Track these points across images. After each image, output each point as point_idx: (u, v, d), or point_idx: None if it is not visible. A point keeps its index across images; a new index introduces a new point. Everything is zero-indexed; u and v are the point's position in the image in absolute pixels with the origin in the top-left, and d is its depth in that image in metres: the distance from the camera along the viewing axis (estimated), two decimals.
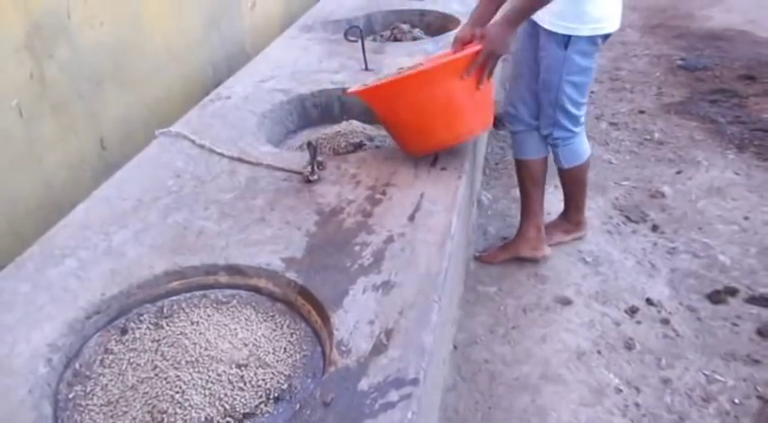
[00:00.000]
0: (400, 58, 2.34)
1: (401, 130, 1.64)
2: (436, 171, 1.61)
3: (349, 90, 1.68)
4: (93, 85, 2.00)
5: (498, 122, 2.97)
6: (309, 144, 1.56)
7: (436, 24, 2.94)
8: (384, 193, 1.51)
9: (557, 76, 1.88)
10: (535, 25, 1.92)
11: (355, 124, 1.93)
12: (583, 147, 2.06)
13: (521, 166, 2.14)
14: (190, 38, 2.57)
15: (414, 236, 1.35)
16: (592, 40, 1.85)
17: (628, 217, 2.32)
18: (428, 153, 1.65)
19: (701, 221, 2.30)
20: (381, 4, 3.04)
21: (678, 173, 2.63)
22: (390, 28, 2.86)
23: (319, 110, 2.15)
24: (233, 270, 1.30)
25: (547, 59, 1.90)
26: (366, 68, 2.26)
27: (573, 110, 1.94)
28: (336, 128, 1.90)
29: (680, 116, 3.15)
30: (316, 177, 1.57)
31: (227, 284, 1.30)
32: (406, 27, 2.80)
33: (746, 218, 2.32)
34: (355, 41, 2.26)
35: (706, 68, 3.73)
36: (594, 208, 2.37)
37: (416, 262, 1.27)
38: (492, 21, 1.72)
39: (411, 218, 1.41)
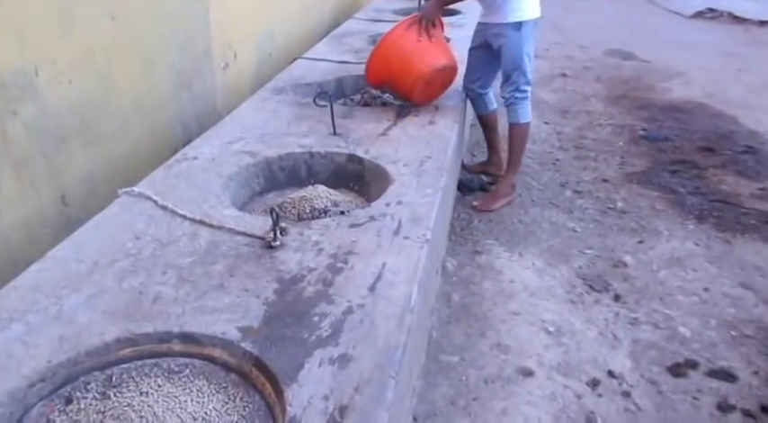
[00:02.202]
0: (367, 125, 2.41)
1: (400, 80, 2.61)
2: (399, 240, 1.64)
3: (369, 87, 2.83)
4: (57, 143, 2.02)
5: (465, 188, 3.05)
6: (272, 210, 1.59)
7: None
8: (346, 262, 1.53)
9: (518, 50, 2.82)
10: (483, 36, 2.94)
11: (321, 189, 1.96)
12: (529, 108, 2.97)
13: (481, 119, 3.25)
14: (159, 95, 2.61)
15: (374, 307, 1.36)
16: (533, 22, 2.83)
17: (591, 286, 2.37)
18: (426, 94, 2.64)
19: (663, 292, 2.36)
20: (352, 69, 3.14)
21: (640, 242, 2.72)
22: (361, 92, 2.95)
23: (286, 173, 2.18)
24: (187, 338, 1.29)
25: (508, 42, 2.82)
26: (334, 133, 2.32)
27: (529, 74, 2.88)
28: (302, 192, 1.93)
29: (642, 186, 3.27)
30: (278, 243, 1.59)
31: (181, 353, 1.29)
32: (375, 92, 2.88)
33: (706, 289, 2.39)
34: (324, 106, 2.33)
35: (667, 139, 3.91)
36: (558, 276, 2.42)
37: (375, 335, 1.28)
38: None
39: (372, 288, 1.43)
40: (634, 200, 3.10)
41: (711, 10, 8.10)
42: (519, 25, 2.81)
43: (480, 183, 3.15)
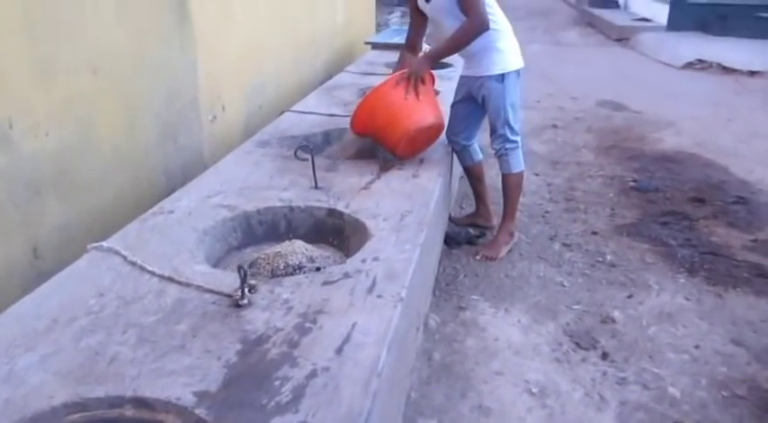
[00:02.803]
0: (350, 178, 2.40)
1: (384, 134, 2.60)
2: (372, 298, 1.60)
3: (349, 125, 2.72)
4: (30, 193, 2.00)
5: (452, 241, 3.02)
6: (240, 267, 1.55)
7: None
8: (315, 322, 1.49)
9: (502, 102, 2.83)
10: (466, 88, 2.95)
11: (298, 244, 1.93)
12: (521, 157, 2.97)
13: (467, 171, 3.25)
14: (143, 146, 2.62)
15: (339, 371, 1.31)
16: (516, 73, 2.85)
17: (578, 344, 2.31)
18: (410, 149, 2.63)
19: (652, 349, 2.30)
20: (340, 122, 3.15)
21: (629, 297, 2.66)
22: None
23: (264, 227, 2.16)
24: (140, 403, 1.23)
25: (492, 93, 2.84)
26: (316, 187, 2.30)
27: (514, 124, 2.88)
28: (277, 248, 1.90)
29: (632, 238, 3.24)
30: (245, 302, 1.55)
31: (132, 419, 1.23)
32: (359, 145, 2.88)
33: (697, 346, 2.33)
34: (305, 160, 2.32)
35: (658, 190, 3.90)
36: (544, 334, 2.36)
37: (339, 400, 1.23)
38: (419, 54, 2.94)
39: (339, 350, 1.38)
40: (624, 253, 3.07)
41: (701, 61, 8.25)
42: (502, 77, 2.82)
43: (467, 236, 3.12)
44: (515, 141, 2.91)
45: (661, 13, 10.82)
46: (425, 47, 3.18)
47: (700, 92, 6.82)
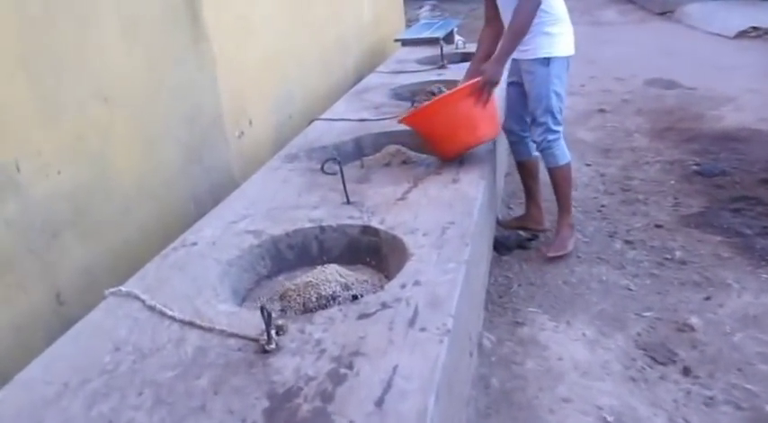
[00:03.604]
0: (384, 188, 2.21)
1: (438, 141, 2.44)
2: (414, 333, 1.40)
3: (398, 120, 2.55)
4: (47, 238, 1.88)
5: (501, 247, 2.80)
6: (262, 309, 1.38)
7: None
8: (350, 367, 1.30)
9: (545, 88, 2.68)
10: (516, 72, 2.81)
11: (330, 271, 1.75)
12: (565, 148, 2.80)
13: (521, 166, 3.05)
14: (166, 173, 2.49)
15: None
16: (563, 59, 2.70)
17: (653, 358, 2.06)
18: (459, 154, 2.44)
19: (740, 361, 2.02)
20: (371, 126, 2.97)
21: (707, 299, 2.39)
22: (379, 151, 2.76)
23: (295, 251, 1.99)
24: None
25: (536, 78, 2.69)
26: (348, 202, 2.13)
27: (558, 114, 2.73)
28: (308, 277, 1.73)
29: (701, 230, 2.94)
30: (273, 346, 1.37)
31: None
32: (395, 149, 2.70)
33: None
34: (334, 174, 2.14)
35: (724, 174, 3.57)
36: (614, 348, 2.11)
37: None
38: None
39: (379, 402, 1.19)
40: (694, 247, 2.78)
41: (755, 28, 7.72)
42: (547, 61, 2.66)
43: (518, 240, 2.89)
44: (557, 132, 2.75)
45: None
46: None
47: (757, 62, 6.35)
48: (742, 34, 7.72)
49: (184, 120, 2.59)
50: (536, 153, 2.94)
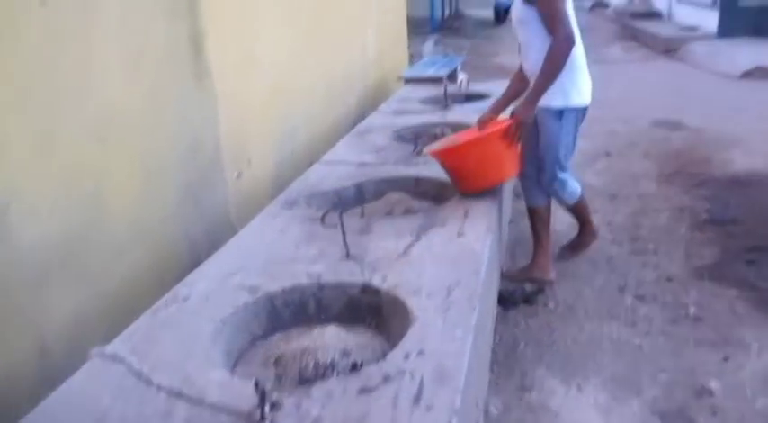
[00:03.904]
0: (386, 241, 2.14)
1: (465, 177, 2.51)
2: (420, 412, 1.31)
3: (427, 151, 2.71)
4: (32, 287, 1.80)
5: (506, 302, 2.71)
6: (256, 383, 1.29)
7: (432, 192, 2.77)
8: None
9: (555, 140, 2.72)
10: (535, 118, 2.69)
11: (329, 334, 1.67)
12: (575, 184, 2.90)
13: (532, 212, 2.98)
14: (160, 215, 2.43)
15: None
16: (577, 110, 2.71)
17: None
18: (483, 190, 2.49)
19: None
20: (372, 172, 2.91)
21: (725, 360, 2.30)
22: (381, 198, 2.70)
23: (292, 309, 1.91)
24: None
25: (547, 129, 2.72)
26: (348, 256, 2.05)
27: (564, 164, 2.80)
28: (305, 341, 1.64)
29: (715, 283, 2.86)
30: None
31: None
32: (397, 197, 2.64)
33: None
34: (334, 227, 2.07)
35: (736, 222, 3.52)
36: (629, 415, 2.02)
37: None
38: (517, 102, 2.71)
39: None
40: (709, 302, 2.70)
41: (761, 69, 7.75)
42: (560, 113, 2.68)
43: (524, 294, 2.81)
44: (563, 178, 2.83)
45: (709, 21, 10.35)
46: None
47: (764, 103, 6.36)
48: (748, 74, 7.76)
49: (182, 158, 2.54)
50: (548, 198, 2.94)
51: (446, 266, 1.95)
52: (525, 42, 2.69)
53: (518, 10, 2.67)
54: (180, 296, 1.89)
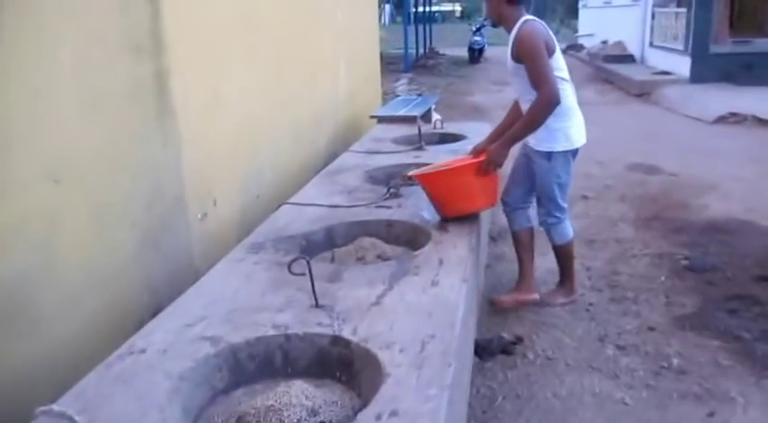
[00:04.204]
0: (357, 290, 2.10)
1: (438, 202, 2.80)
2: None
3: (410, 174, 3.00)
4: None
5: (483, 352, 2.68)
6: None
7: (405, 236, 2.78)
8: None
9: (548, 180, 3.02)
10: (527, 155, 3.11)
11: (295, 391, 1.61)
12: (569, 228, 3.17)
13: (515, 236, 3.26)
14: (119, 260, 2.36)
15: None
16: (565, 153, 2.99)
17: None
18: (456, 216, 2.75)
19: None
20: (342, 215, 2.89)
21: (710, 415, 2.29)
22: (353, 242, 2.67)
23: (256, 362, 1.85)
24: None
25: (539, 169, 3.02)
26: (316, 305, 2.00)
27: (560, 202, 3.08)
28: (270, 399, 1.58)
29: (697, 333, 2.88)
30: None
31: None
32: (369, 242, 2.61)
33: None
34: (302, 275, 2.03)
35: (715, 269, 3.57)
36: None
37: None
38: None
39: None
40: (691, 353, 2.70)
41: (734, 114, 8.04)
42: (549, 155, 2.96)
43: (501, 343, 2.77)
44: (558, 217, 3.09)
45: (681, 66, 10.76)
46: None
47: (738, 148, 6.57)
48: (721, 119, 8.03)
49: (143, 201, 2.49)
50: (530, 225, 3.23)
51: (420, 318, 1.91)
52: (518, 90, 3.00)
53: (509, 63, 2.96)
54: (136, 348, 1.82)
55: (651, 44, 13.19)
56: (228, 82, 3.26)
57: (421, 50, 17.59)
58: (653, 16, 12.91)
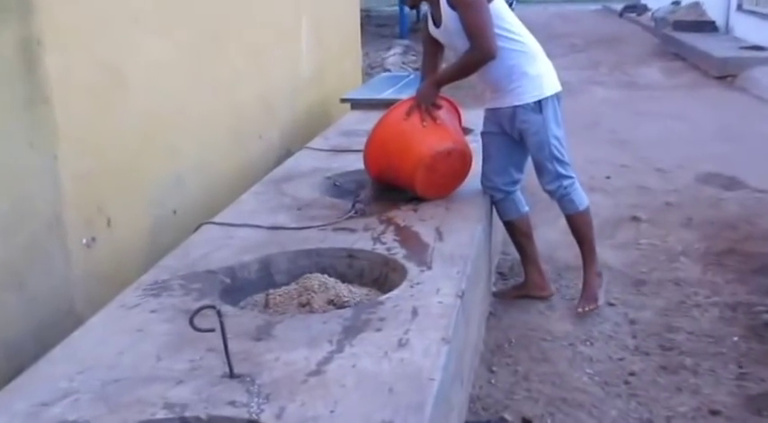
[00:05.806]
0: (292, 352, 2.09)
1: (399, 167, 3.31)
2: None
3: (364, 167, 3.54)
4: None
5: None
6: None
7: (372, 273, 2.82)
8: None
9: (544, 136, 3.46)
10: (496, 121, 3.60)
11: None
12: (582, 192, 3.66)
13: (510, 226, 3.81)
14: None
15: None
16: (555, 98, 3.49)
17: None
18: (432, 184, 3.34)
19: None
20: (285, 241, 2.90)
21: None
22: (297, 281, 2.69)
23: None
24: None
25: (530, 127, 3.45)
26: (231, 375, 1.99)
27: (563, 158, 3.53)
28: None
29: None
30: None
31: None
32: (319, 281, 2.61)
33: None
34: (212, 331, 2.01)
35: None
36: None
37: None
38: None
39: None
40: None
41: None
42: (539, 106, 3.42)
43: None
44: (570, 177, 3.56)
45: None
46: None
47: None
48: None
49: (2, 225, 2.52)
50: (525, 209, 3.75)
51: (376, 396, 1.90)
52: (456, 48, 3.42)
53: (443, 6, 3.36)
54: None
55: (740, 8, 13.35)
56: (133, 55, 3.28)
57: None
58: None
